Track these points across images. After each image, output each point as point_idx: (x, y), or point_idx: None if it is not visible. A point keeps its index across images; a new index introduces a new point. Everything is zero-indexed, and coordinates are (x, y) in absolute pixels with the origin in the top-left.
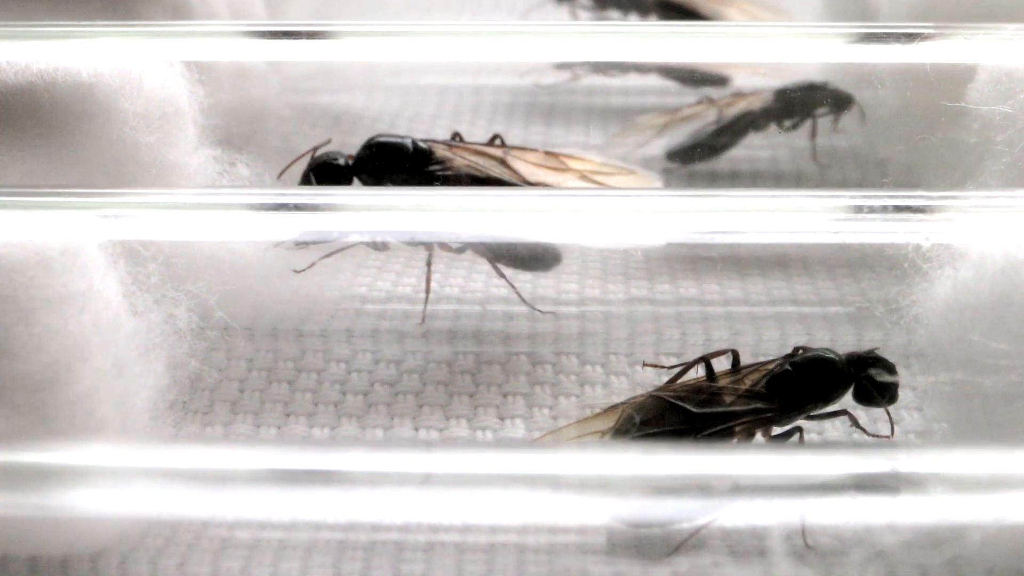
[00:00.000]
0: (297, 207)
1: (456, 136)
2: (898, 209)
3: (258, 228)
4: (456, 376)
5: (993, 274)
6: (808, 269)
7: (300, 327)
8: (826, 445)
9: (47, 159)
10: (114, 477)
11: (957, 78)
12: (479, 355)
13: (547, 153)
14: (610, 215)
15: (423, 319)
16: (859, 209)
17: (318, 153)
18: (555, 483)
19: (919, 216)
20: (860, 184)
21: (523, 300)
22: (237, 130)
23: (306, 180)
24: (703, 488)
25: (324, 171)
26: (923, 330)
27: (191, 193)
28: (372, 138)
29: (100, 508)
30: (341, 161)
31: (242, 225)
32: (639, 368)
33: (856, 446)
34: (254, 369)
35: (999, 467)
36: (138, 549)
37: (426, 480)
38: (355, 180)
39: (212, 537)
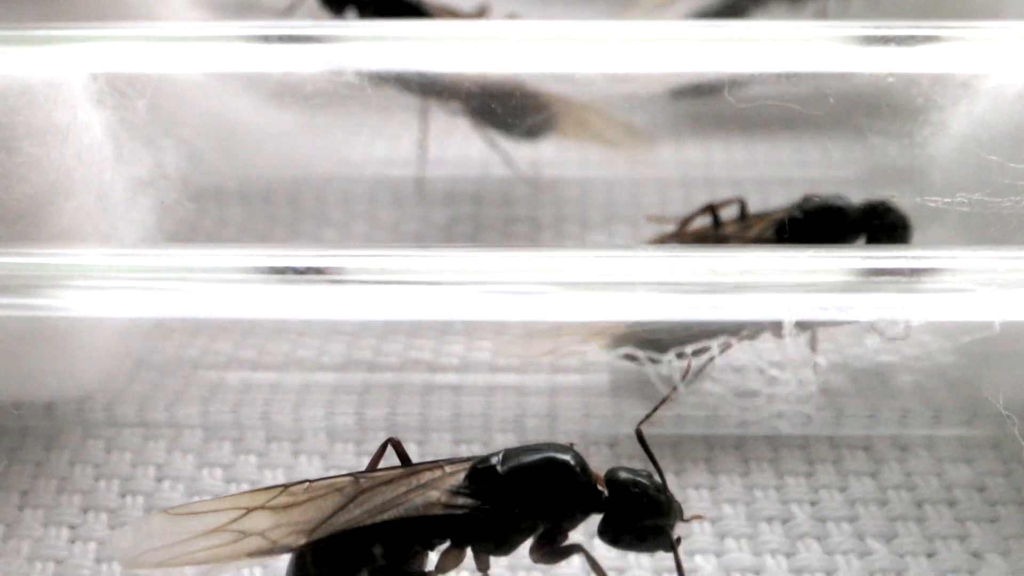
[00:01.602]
0: (285, 39)
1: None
2: (912, 40)
3: (244, 61)
4: (454, 242)
5: (1011, 102)
6: (816, 129)
7: (294, 192)
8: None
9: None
10: (105, 279)
11: None
12: (478, 219)
13: None
14: (612, 44)
15: (420, 181)
16: (870, 40)
17: None
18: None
19: (931, 47)
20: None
21: (518, 175)
22: None
23: None
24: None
25: None
26: (937, 169)
27: (176, 27)
28: None
29: (92, 311)
30: None
31: (227, 59)
32: (642, 230)
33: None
34: (245, 233)
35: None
36: (124, 394)
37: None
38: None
39: (201, 382)
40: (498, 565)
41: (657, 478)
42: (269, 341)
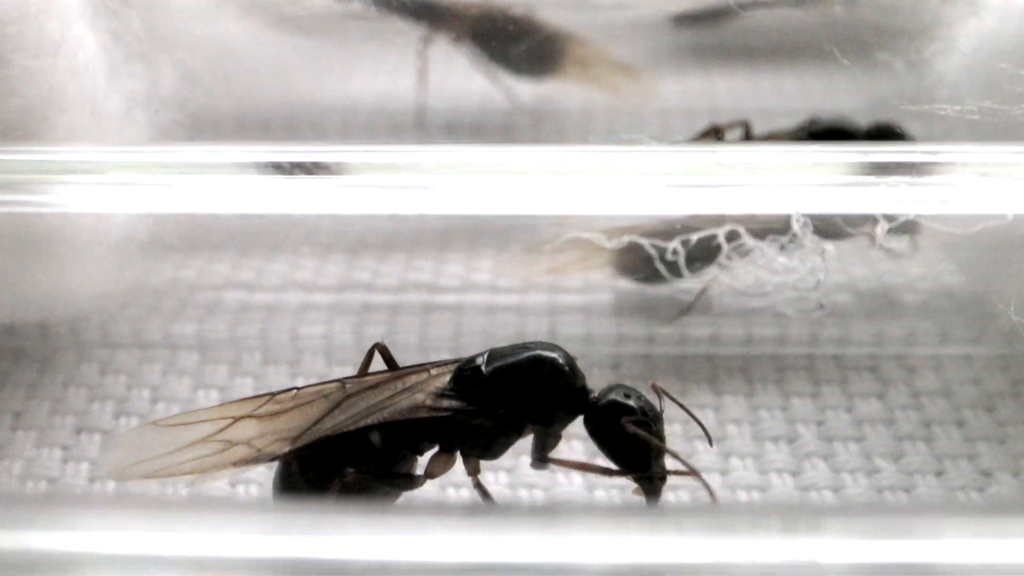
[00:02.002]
0: None
1: None
2: None
3: None
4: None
5: (1019, 14)
6: (821, 57)
7: (292, 122)
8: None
9: None
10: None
11: None
12: None
13: None
14: None
15: (421, 112)
16: None
17: None
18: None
19: None
20: None
21: (519, 106)
22: None
23: None
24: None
25: None
26: (945, 87)
27: None
28: None
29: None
30: None
31: None
32: None
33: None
34: None
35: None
36: (120, 316)
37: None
38: None
39: (198, 303)
40: (498, 483)
41: (655, 405)
42: (267, 262)
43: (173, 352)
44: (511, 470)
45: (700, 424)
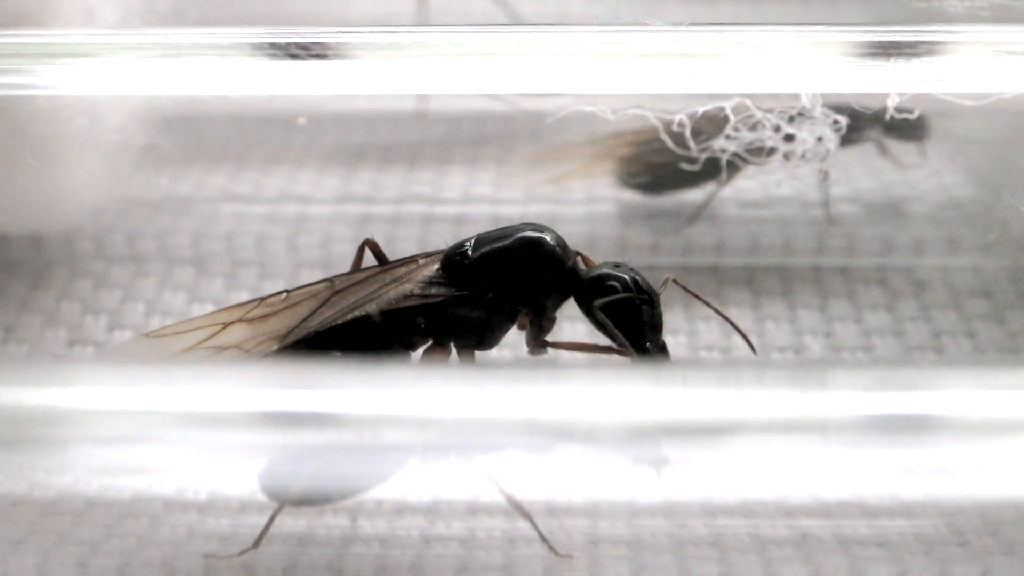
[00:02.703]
0: None
1: None
2: None
3: None
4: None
5: None
6: None
7: None
8: None
9: None
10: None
11: None
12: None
13: None
14: None
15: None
16: None
17: None
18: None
19: None
20: None
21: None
22: None
23: None
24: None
25: None
26: None
27: None
28: None
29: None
30: None
31: None
32: None
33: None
34: None
35: None
36: (115, 230)
37: None
38: None
39: (196, 215)
40: None
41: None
42: (263, 176)
43: (169, 265)
44: None
45: (735, 327)
